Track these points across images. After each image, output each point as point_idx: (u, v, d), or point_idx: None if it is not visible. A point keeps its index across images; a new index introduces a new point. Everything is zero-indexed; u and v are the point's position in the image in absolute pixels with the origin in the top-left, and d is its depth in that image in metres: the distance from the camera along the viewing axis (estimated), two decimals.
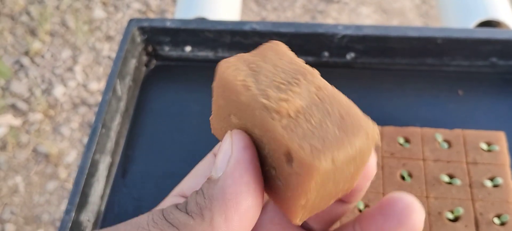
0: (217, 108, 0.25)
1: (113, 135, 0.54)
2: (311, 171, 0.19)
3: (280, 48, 0.24)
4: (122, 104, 0.56)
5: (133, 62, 0.59)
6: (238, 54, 0.24)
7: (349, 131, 0.21)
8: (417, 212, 0.24)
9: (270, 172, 0.22)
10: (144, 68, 0.62)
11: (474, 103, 0.57)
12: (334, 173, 0.20)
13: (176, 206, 0.22)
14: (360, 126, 0.21)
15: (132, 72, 0.59)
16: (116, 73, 0.55)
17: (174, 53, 0.63)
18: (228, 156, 0.22)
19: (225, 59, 0.24)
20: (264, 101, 0.21)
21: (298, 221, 0.22)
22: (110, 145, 0.53)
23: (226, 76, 0.23)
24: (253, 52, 0.24)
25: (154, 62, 0.63)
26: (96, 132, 0.50)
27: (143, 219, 0.22)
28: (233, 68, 0.23)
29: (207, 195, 0.21)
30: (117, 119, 0.55)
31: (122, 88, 0.56)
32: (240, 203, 0.20)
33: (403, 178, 0.47)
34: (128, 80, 0.58)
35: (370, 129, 0.21)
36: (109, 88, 0.54)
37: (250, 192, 0.21)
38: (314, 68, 0.24)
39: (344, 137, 0.20)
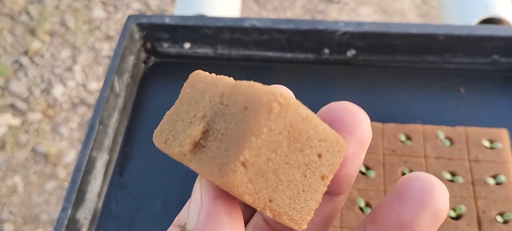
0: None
1: (110, 132, 0.53)
2: (230, 182, 0.18)
3: (196, 77, 0.23)
4: (120, 101, 0.56)
5: (131, 59, 0.59)
6: (166, 114, 0.23)
7: (250, 115, 0.18)
8: (440, 189, 0.20)
9: None
10: (142, 65, 0.62)
11: (476, 101, 0.57)
12: (267, 150, 0.18)
13: None
14: (260, 102, 0.18)
15: (131, 69, 0.59)
16: (114, 70, 0.54)
17: (173, 50, 0.62)
18: (199, 207, 0.20)
19: (156, 129, 0.23)
20: (179, 149, 0.20)
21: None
22: (107, 142, 0.52)
23: (158, 146, 0.22)
24: (177, 100, 0.23)
25: (152, 59, 0.63)
26: (93, 128, 0.49)
27: None
28: (159, 134, 0.22)
29: None
30: (115, 116, 0.54)
31: (120, 85, 0.56)
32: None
33: (404, 175, 0.46)
34: (126, 77, 0.57)
35: (274, 96, 0.18)
36: (107, 85, 0.53)
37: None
38: (223, 76, 0.22)
39: (247, 124, 0.18)
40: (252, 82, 0.20)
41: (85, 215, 0.47)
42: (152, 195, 0.51)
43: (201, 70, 0.24)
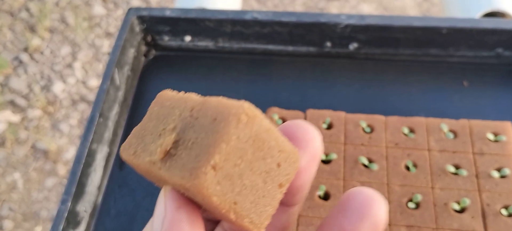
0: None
1: (111, 124, 0.53)
2: (200, 183, 0.19)
3: (163, 96, 0.25)
4: (121, 94, 0.55)
5: (131, 52, 0.58)
6: (133, 130, 0.25)
7: (220, 125, 0.20)
8: (378, 203, 0.22)
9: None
10: (143, 58, 0.61)
11: (479, 94, 0.56)
12: (230, 164, 0.20)
13: None
14: (229, 113, 0.20)
15: (131, 62, 0.58)
16: (114, 62, 0.54)
17: (174, 43, 0.62)
18: (163, 217, 0.21)
19: (123, 144, 0.24)
20: (149, 158, 0.22)
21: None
22: (107, 134, 0.52)
23: (126, 158, 0.23)
24: (145, 117, 0.25)
25: (153, 52, 0.62)
26: (93, 121, 0.49)
27: None
28: (127, 147, 0.24)
29: None
30: (115, 109, 0.54)
31: (121, 78, 0.55)
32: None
33: (408, 168, 0.46)
34: (126, 69, 0.57)
35: (243, 109, 0.20)
36: (107, 77, 0.52)
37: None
38: (191, 93, 0.24)
39: (217, 133, 0.20)
40: (220, 98, 0.21)
41: (85, 207, 0.47)
42: (151, 189, 0.50)
43: (169, 90, 0.25)
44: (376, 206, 0.22)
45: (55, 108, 1.61)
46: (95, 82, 1.69)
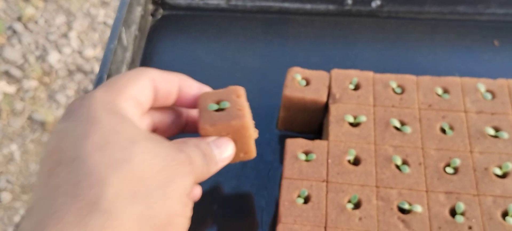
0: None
1: None
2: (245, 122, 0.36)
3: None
4: (128, 55, 0.51)
5: (138, 10, 0.54)
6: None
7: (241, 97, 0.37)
8: None
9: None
10: (150, 18, 0.57)
11: (511, 53, 0.53)
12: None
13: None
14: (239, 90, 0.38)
15: (138, 21, 0.54)
16: (121, 20, 0.50)
17: (183, 1, 0.57)
18: (228, 154, 0.36)
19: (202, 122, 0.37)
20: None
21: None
22: None
23: (207, 130, 0.37)
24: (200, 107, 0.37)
25: (161, 11, 0.58)
26: (101, 82, 0.45)
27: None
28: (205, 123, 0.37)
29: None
30: (123, 70, 0.50)
31: (128, 38, 0.51)
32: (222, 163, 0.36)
33: (443, 131, 0.42)
34: (134, 29, 0.53)
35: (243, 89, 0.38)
36: (114, 36, 0.48)
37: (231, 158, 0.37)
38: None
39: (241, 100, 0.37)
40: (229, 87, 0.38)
41: None
42: None
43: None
44: None
45: (51, 79, 1.57)
46: (91, 52, 1.64)
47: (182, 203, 0.30)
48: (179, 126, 0.40)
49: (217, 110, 0.36)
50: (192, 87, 0.37)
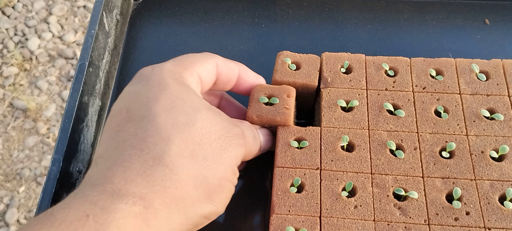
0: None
1: (101, 74, 0.47)
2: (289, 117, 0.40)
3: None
4: (110, 41, 0.49)
5: None
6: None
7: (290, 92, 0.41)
8: None
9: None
10: (132, 1, 0.55)
11: (503, 31, 0.52)
12: None
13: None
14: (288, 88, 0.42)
15: (120, 4, 0.52)
16: (102, 4, 0.47)
17: None
18: (268, 144, 0.41)
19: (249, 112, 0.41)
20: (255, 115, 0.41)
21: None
22: (99, 86, 0.46)
23: (253, 121, 0.41)
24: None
25: None
26: (82, 69, 0.43)
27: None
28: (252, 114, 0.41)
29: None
30: (106, 57, 0.48)
31: (109, 23, 0.49)
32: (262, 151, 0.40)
33: (438, 114, 0.41)
34: (115, 13, 0.51)
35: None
36: (95, 21, 0.46)
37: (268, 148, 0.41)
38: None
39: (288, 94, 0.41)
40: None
41: (78, 167, 0.41)
42: None
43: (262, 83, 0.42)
44: None
45: (31, 65, 1.53)
46: (72, 37, 1.60)
47: (232, 171, 0.34)
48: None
49: (266, 103, 0.40)
50: (250, 76, 0.41)
